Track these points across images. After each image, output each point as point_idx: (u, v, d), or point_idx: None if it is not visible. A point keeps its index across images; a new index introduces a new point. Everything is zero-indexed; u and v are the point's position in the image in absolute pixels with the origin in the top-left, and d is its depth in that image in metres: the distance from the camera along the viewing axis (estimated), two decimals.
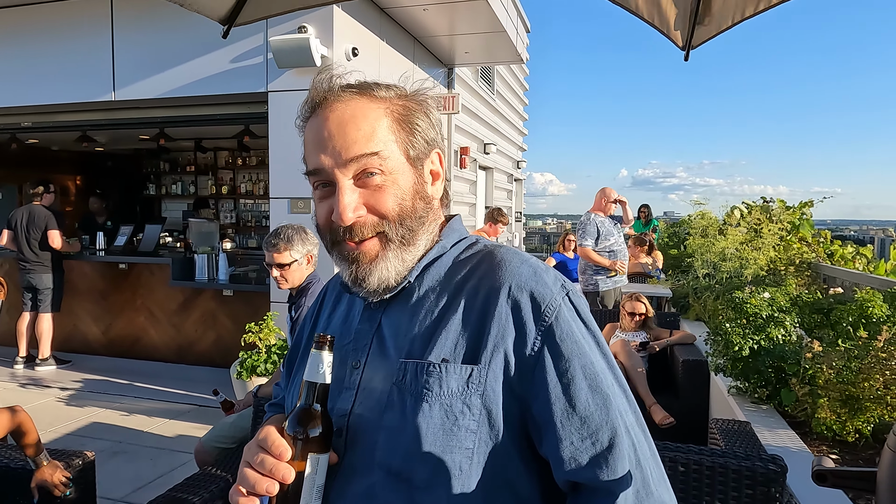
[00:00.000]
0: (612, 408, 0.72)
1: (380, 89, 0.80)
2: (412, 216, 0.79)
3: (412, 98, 0.82)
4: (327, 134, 0.77)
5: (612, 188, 5.26)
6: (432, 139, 0.83)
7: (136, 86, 4.69)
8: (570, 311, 0.75)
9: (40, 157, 8.68)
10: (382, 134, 0.77)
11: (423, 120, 0.82)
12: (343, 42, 4.36)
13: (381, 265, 0.78)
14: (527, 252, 3.61)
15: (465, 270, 0.80)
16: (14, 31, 5.00)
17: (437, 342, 0.75)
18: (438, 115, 0.85)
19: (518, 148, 12.12)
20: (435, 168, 0.84)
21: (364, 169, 0.76)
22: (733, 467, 1.63)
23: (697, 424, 3.54)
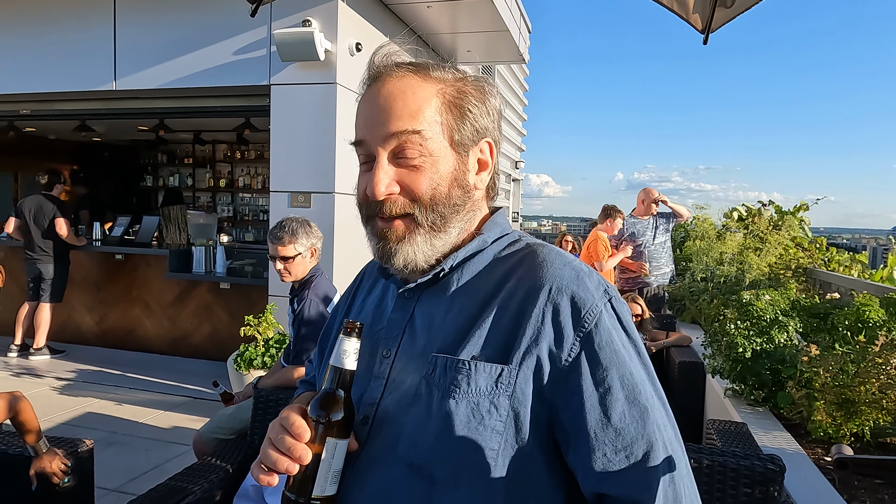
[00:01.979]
0: (650, 421, 0.69)
1: (436, 70, 0.79)
2: (446, 202, 0.77)
3: (470, 82, 0.80)
4: (375, 108, 0.77)
5: (654, 188, 5.32)
6: (484, 127, 0.80)
7: (137, 75, 4.67)
8: (612, 318, 0.73)
9: (37, 146, 8.63)
10: (429, 114, 0.76)
11: (477, 106, 0.79)
12: (347, 37, 4.35)
13: (407, 247, 0.77)
14: None
15: (506, 268, 0.78)
16: (16, 17, 4.97)
17: (469, 339, 0.73)
18: (498, 105, 0.83)
19: (517, 148, 12.14)
20: (483, 157, 0.81)
21: (404, 146, 0.75)
22: (732, 466, 1.64)
23: (693, 426, 3.56)
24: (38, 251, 5.23)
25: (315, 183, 4.36)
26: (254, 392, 2.32)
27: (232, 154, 9.23)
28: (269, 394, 2.16)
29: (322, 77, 4.28)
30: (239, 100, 4.85)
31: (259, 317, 4.09)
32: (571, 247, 7.85)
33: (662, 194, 5.27)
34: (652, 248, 5.20)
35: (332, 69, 4.25)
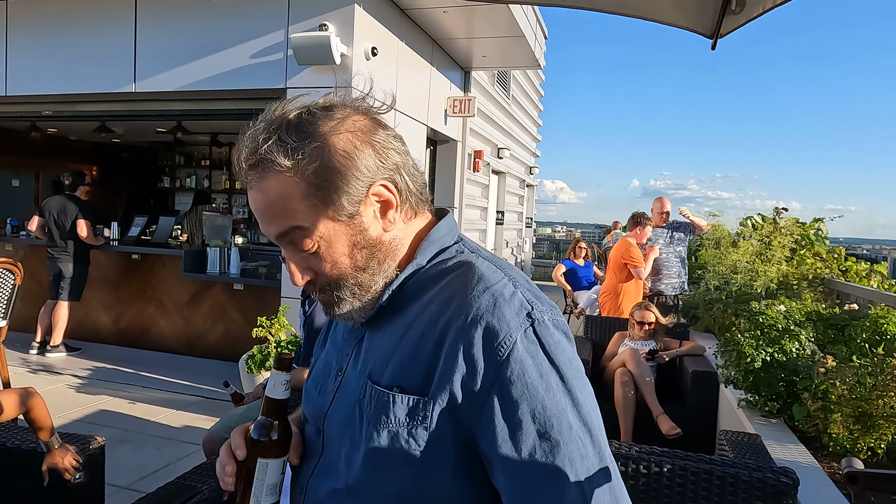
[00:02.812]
0: (561, 455, 0.67)
1: (285, 154, 0.71)
2: (355, 271, 0.76)
3: (331, 142, 0.72)
4: (255, 213, 0.76)
5: (666, 197, 5.32)
6: (368, 175, 0.74)
7: (156, 78, 4.73)
8: (532, 345, 0.69)
9: (58, 147, 8.78)
10: (296, 206, 0.72)
11: (350, 162, 0.73)
12: (363, 41, 4.38)
13: (339, 310, 0.78)
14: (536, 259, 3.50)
15: (433, 292, 0.76)
16: (38, 19, 5.07)
17: (395, 366, 0.74)
18: (385, 138, 0.76)
19: (531, 154, 12.11)
20: (383, 198, 0.76)
21: (293, 241, 0.74)
22: (744, 478, 1.61)
23: (705, 436, 3.51)
24: (59, 250, 5.32)
25: None
26: (263, 392, 2.33)
27: None
28: None
29: (338, 81, 4.30)
30: (255, 103, 4.88)
31: (272, 318, 4.11)
32: (585, 253, 7.80)
33: (684, 207, 5.26)
34: (662, 256, 5.15)
35: (347, 73, 4.27)
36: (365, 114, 0.77)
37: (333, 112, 0.74)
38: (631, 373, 3.67)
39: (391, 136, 0.78)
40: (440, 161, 6.92)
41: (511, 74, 9.22)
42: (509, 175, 9.99)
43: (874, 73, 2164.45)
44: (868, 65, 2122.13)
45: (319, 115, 0.73)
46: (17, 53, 5.17)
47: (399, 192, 0.77)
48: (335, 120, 0.73)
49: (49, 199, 5.44)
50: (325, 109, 0.74)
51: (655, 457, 1.72)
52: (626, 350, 3.87)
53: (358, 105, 0.77)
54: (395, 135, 0.79)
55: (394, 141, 0.78)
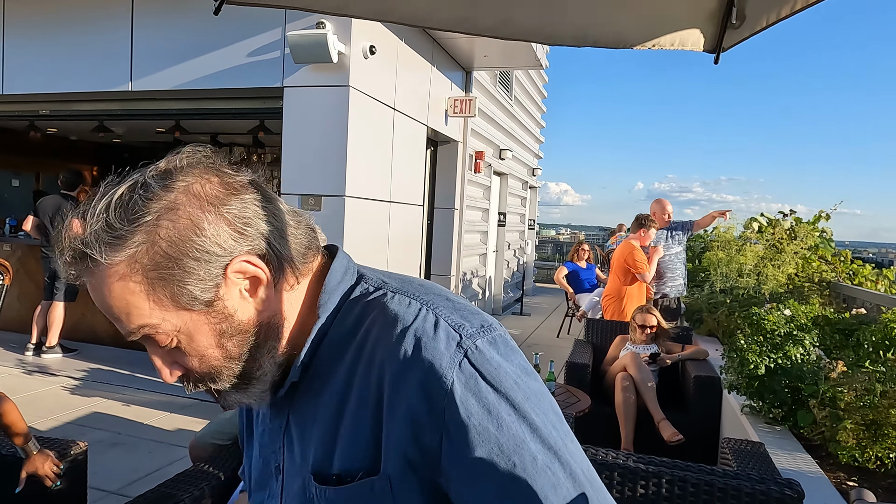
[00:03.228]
0: (532, 494, 0.60)
1: (111, 246, 0.59)
2: (230, 362, 0.65)
3: (168, 223, 0.59)
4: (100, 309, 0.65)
5: (666, 199, 5.23)
6: (223, 255, 0.61)
7: (153, 77, 4.69)
8: (470, 380, 0.61)
9: (59, 147, 8.77)
10: (138, 304, 0.60)
11: (197, 241, 0.60)
12: (360, 40, 4.32)
13: (228, 402, 0.69)
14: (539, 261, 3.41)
15: (352, 351, 0.67)
16: (35, 18, 5.04)
17: (336, 450, 0.65)
18: (242, 205, 0.63)
19: (534, 155, 12.04)
20: (251, 273, 0.64)
21: (148, 338, 0.63)
22: (746, 490, 1.54)
23: (708, 443, 3.44)
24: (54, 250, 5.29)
25: (326, 186, 4.33)
26: None
27: (249, 157, 9.28)
28: None
29: (335, 80, 4.25)
30: (253, 102, 4.84)
31: None
32: (588, 255, 7.73)
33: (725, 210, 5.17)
34: (666, 258, 5.08)
35: (345, 72, 4.22)
36: (216, 177, 0.63)
37: (173, 181, 0.61)
38: (632, 377, 3.59)
39: (252, 199, 0.64)
40: (441, 162, 6.86)
41: (513, 75, 9.16)
42: (511, 176, 9.92)
43: (880, 76, 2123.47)
44: (874, 67, 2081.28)
45: (154, 188, 0.60)
46: (13, 52, 5.14)
47: (269, 263, 0.65)
48: (174, 192, 0.60)
49: (44, 199, 5.40)
50: (162, 178, 0.61)
51: (654, 467, 1.64)
52: (627, 354, 3.79)
53: (208, 166, 0.64)
54: (259, 196, 0.65)
55: (256, 204, 0.64)
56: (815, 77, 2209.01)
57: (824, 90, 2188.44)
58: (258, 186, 0.66)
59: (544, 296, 12.20)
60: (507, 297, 10.14)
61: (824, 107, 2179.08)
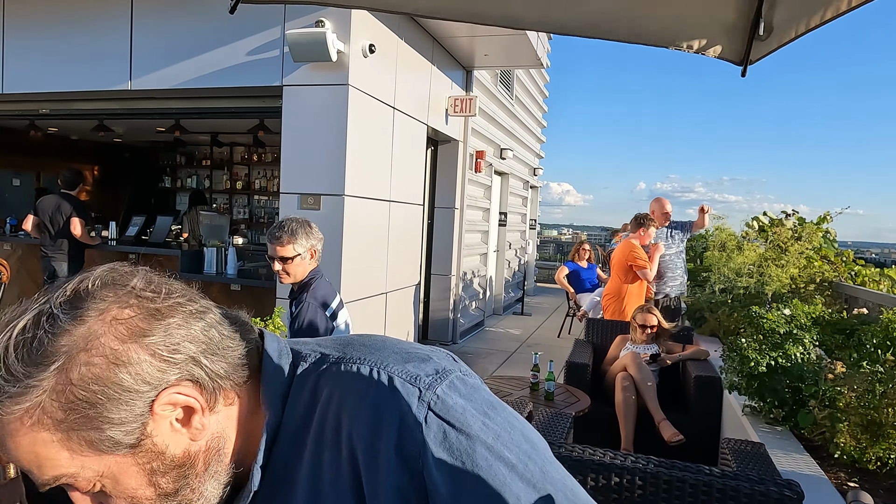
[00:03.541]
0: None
1: (11, 396, 0.51)
2: (163, 499, 0.59)
3: (78, 364, 0.52)
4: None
5: (665, 198, 5.21)
6: (147, 390, 0.55)
7: (152, 75, 4.68)
8: (439, 434, 0.58)
9: (59, 146, 8.77)
10: (52, 455, 0.53)
11: (113, 382, 0.53)
12: (360, 38, 4.31)
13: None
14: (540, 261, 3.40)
15: (311, 440, 0.62)
16: (35, 17, 5.03)
17: None
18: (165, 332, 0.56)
19: (535, 155, 12.02)
20: (181, 404, 0.57)
21: (69, 485, 0.56)
22: (745, 491, 1.52)
23: (708, 443, 3.42)
24: (53, 249, 5.28)
25: (325, 185, 4.32)
26: None
27: (249, 156, 9.28)
28: None
29: (334, 78, 4.24)
30: (252, 101, 4.83)
31: (266, 320, 4.04)
32: (589, 255, 7.71)
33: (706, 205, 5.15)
34: (667, 258, 5.06)
35: (344, 70, 4.20)
36: (135, 300, 0.56)
37: (85, 310, 0.54)
38: (632, 377, 3.58)
39: (178, 321, 0.58)
40: (441, 161, 6.85)
41: (514, 74, 9.15)
42: (512, 176, 9.91)
43: (883, 76, 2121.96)
44: (878, 67, 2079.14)
45: (62, 322, 0.53)
46: (13, 51, 5.13)
47: (202, 387, 0.59)
48: (86, 323, 0.53)
49: (43, 198, 5.40)
50: (72, 307, 0.54)
51: (653, 467, 1.63)
52: (627, 354, 3.78)
53: (124, 288, 0.57)
54: (186, 314, 0.59)
55: (184, 326, 0.58)
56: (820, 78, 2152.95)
57: (827, 91, 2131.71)
58: (187, 300, 0.60)
59: (545, 296, 12.18)
60: (508, 296, 10.12)
61: (827, 107, 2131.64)
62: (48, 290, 0.56)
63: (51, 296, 0.55)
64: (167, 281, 0.62)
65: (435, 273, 6.87)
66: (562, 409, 3.09)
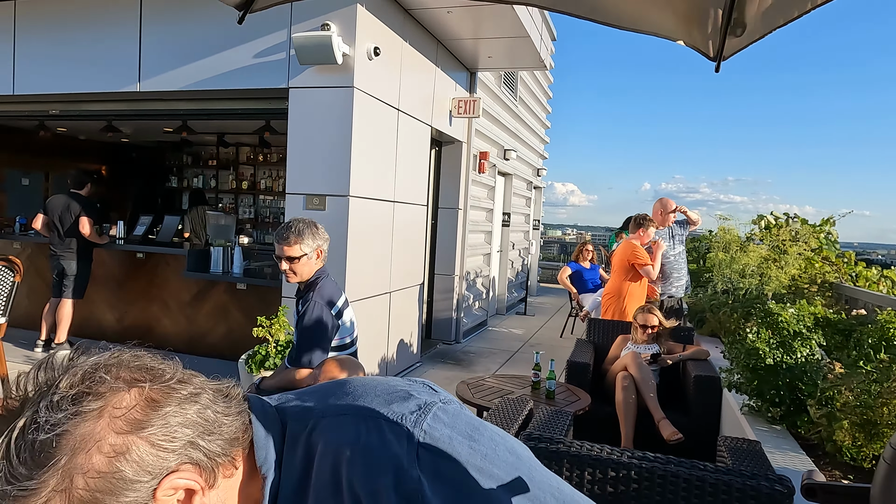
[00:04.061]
0: None
1: (27, 496, 0.53)
2: None
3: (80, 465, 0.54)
4: None
5: (669, 198, 5.24)
6: (148, 480, 0.57)
7: (160, 77, 4.75)
8: (433, 468, 0.62)
9: (68, 146, 8.86)
10: None
11: (116, 477, 0.55)
12: (365, 41, 4.37)
13: None
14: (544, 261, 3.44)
15: (310, 496, 0.65)
16: (44, 18, 5.11)
17: None
18: (164, 420, 0.59)
19: (539, 155, 12.05)
20: (181, 487, 0.59)
21: None
22: (737, 486, 1.57)
23: (707, 442, 3.45)
24: (62, 248, 5.36)
25: (330, 186, 4.38)
26: (256, 392, 2.32)
27: (255, 157, 9.36)
28: (271, 394, 2.15)
29: (339, 81, 4.30)
30: (259, 102, 4.90)
31: (272, 318, 4.10)
32: (591, 256, 7.75)
33: (681, 205, 5.18)
34: (671, 258, 5.10)
35: (349, 73, 4.26)
36: (135, 390, 0.59)
37: (84, 406, 0.56)
38: (632, 376, 3.62)
39: (174, 409, 0.60)
40: (445, 162, 6.90)
41: (518, 75, 9.19)
42: (516, 177, 9.95)
43: (889, 75, 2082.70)
44: (884, 67, 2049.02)
45: (62, 422, 0.54)
46: (24, 53, 5.21)
47: (201, 469, 0.61)
48: (87, 420, 0.55)
49: (53, 198, 5.48)
50: (71, 404, 0.56)
51: (647, 463, 1.67)
52: (627, 353, 3.82)
53: (118, 381, 0.59)
54: (181, 398, 0.61)
55: (179, 412, 0.60)
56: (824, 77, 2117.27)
57: (833, 89, 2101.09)
58: (180, 384, 0.62)
59: (548, 296, 12.22)
60: (511, 296, 10.16)
61: (833, 107, 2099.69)
62: (43, 383, 0.57)
63: (49, 391, 0.56)
64: (160, 363, 0.63)
65: (438, 273, 6.92)
66: (562, 408, 3.14)
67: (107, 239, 5.74)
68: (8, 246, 6.24)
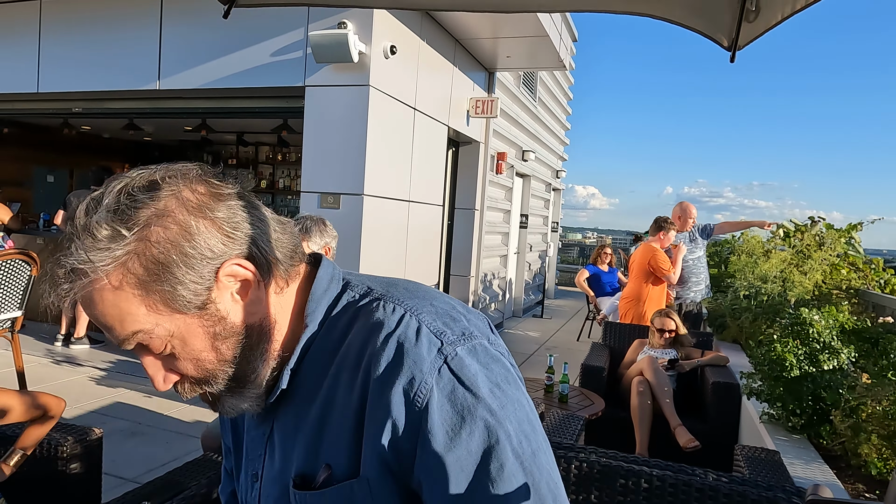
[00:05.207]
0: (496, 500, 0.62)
1: (100, 258, 0.59)
2: (224, 365, 0.67)
3: (157, 230, 0.61)
4: (93, 321, 0.66)
5: (690, 203, 5.15)
6: (213, 258, 0.63)
7: (179, 76, 4.80)
8: (448, 385, 0.62)
9: (92, 145, 9.03)
10: (131, 311, 0.61)
11: (187, 246, 0.62)
12: (382, 40, 4.35)
13: (223, 408, 0.70)
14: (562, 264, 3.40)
15: (338, 359, 0.68)
16: (69, 18, 5.20)
17: (318, 454, 0.67)
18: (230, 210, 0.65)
19: (558, 157, 11.95)
20: (241, 276, 0.65)
21: (143, 343, 0.64)
22: (752, 497, 1.50)
23: (724, 451, 3.35)
24: None
25: (345, 184, 4.37)
26: None
27: (273, 156, 9.43)
28: None
29: (355, 79, 4.29)
30: (276, 101, 4.91)
31: None
32: (610, 259, 7.64)
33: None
34: (689, 262, 4.99)
35: (365, 71, 4.25)
36: (202, 186, 0.65)
37: (159, 191, 0.62)
38: (648, 381, 3.54)
39: (240, 205, 0.66)
40: (462, 162, 6.86)
41: (538, 76, 9.11)
42: (534, 178, 9.87)
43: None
44: None
45: (140, 199, 0.61)
46: (49, 51, 5.31)
47: (258, 266, 0.67)
48: (161, 200, 0.62)
49: (73, 194, 5.56)
50: (147, 189, 0.62)
51: (658, 471, 1.61)
52: (644, 358, 3.73)
53: (191, 177, 0.65)
54: (245, 203, 0.67)
55: (244, 210, 0.67)
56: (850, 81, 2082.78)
57: (862, 91, 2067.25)
58: (243, 195, 0.68)
59: (566, 299, 12.10)
60: (528, 299, 10.08)
61: (862, 111, 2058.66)
62: (119, 177, 0.64)
63: (129, 180, 0.63)
64: (231, 174, 0.70)
65: (454, 274, 6.88)
66: (574, 412, 3.08)
67: None
68: (32, 242, 6.36)
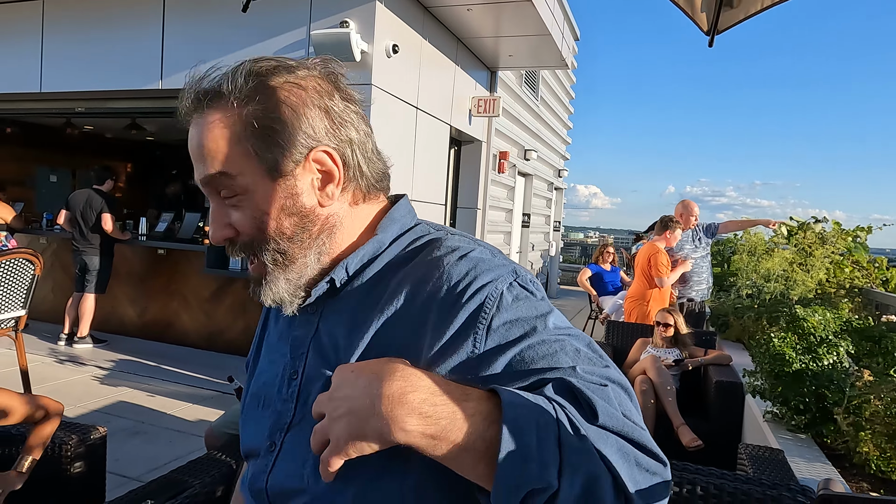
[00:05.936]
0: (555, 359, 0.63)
1: (231, 91, 0.69)
2: (278, 237, 0.71)
3: (282, 92, 0.69)
4: (190, 153, 0.72)
5: (693, 202, 5.13)
6: (312, 138, 0.69)
7: (182, 75, 4.75)
8: (523, 291, 0.67)
9: (95, 144, 9.05)
10: (228, 150, 0.68)
11: (297, 116, 0.69)
12: (384, 38, 4.35)
13: (266, 288, 0.72)
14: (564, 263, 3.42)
15: (405, 271, 0.71)
16: (72, 18, 5.21)
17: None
18: (344, 108, 0.72)
19: (560, 156, 11.94)
20: (325, 168, 0.71)
21: (219, 188, 0.70)
22: (757, 496, 1.50)
23: (727, 450, 3.35)
24: (85, 243, 5.44)
25: None
26: None
27: None
28: None
29: (358, 78, 4.27)
30: None
31: None
32: (612, 258, 7.63)
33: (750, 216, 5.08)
34: (693, 261, 4.98)
35: (367, 70, 4.25)
36: (330, 80, 0.73)
37: (296, 70, 0.71)
38: (651, 380, 3.53)
39: (353, 111, 0.73)
40: (464, 161, 6.86)
41: (540, 75, 9.11)
42: (536, 177, 9.86)
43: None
44: None
45: (280, 69, 0.71)
46: (51, 51, 5.32)
47: (346, 166, 0.72)
48: (294, 75, 0.70)
49: (75, 193, 5.57)
50: (289, 68, 0.71)
51: None
52: (647, 357, 3.73)
53: (327, 71, 0.73)
54: (358, 112, 0.74)
55: (354, 116, 0.73)
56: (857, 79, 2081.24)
57: (866, 91, 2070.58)
58: (361, 111, 0.75)
59: (568, 298, 12.09)
60: None
61: (866, 109, 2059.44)
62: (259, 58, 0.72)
63: (272, 59, 0.72)
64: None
65: None
66: None
67: (128, 235, 5.82)
68: (34, 241, 6.37)
